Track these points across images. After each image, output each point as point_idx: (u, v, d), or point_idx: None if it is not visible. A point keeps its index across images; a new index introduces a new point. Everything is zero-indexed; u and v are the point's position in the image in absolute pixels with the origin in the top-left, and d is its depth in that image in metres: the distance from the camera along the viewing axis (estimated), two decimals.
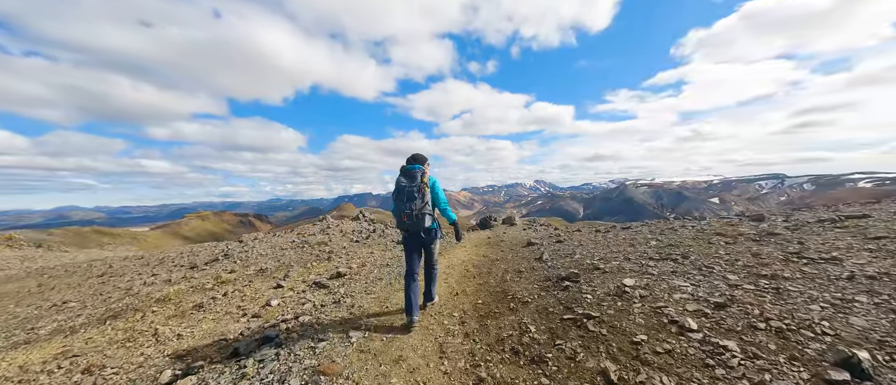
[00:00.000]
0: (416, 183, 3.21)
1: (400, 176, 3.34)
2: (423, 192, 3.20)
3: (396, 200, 3.31)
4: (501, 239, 8.80)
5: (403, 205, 3.20)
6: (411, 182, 3.23)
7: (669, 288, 3.21)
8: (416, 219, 3.19)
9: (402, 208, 3.22)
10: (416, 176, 3.25)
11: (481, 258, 6.44)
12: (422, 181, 3.21)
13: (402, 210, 3.22)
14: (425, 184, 3.23)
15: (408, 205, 3.18)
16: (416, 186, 3.19)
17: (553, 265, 4.82)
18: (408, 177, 3.27)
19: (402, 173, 3.33)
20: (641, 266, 4.03)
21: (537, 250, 6.19)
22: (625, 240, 5.95)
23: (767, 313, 2.47)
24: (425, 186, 3.22)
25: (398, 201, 3.28)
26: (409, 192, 3.19)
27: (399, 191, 3.27)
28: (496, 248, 7.58)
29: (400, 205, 3.25)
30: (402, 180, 3.29)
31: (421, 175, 3.25)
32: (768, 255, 3.77)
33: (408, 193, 3.19)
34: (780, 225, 5.36)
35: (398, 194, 3.29)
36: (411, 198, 3.18)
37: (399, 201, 3.27)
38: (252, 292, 5.38)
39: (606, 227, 8.22)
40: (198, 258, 9.37)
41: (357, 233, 11.02)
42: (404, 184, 3.25)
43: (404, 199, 3.21)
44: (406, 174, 3.30)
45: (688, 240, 5.16)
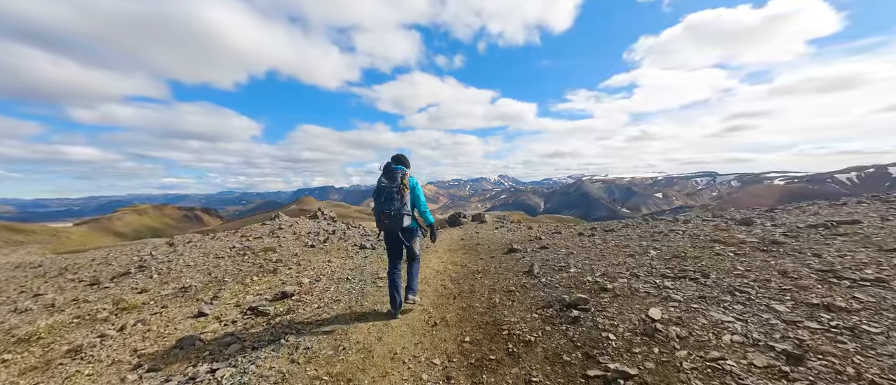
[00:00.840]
0: (397, 184, 3.31)
1: (381, 175, 3.42)
2: (402, 193, 3.31)
3: (376, 200, 3.39)
4: (477, 241, 8.01)
5: (382, 205, 3.29)
6: (392, 183, 3.32)
7: (710, 324, 2.54)
8: (395, 219, 3.28)
9: (381, 208, 3.30)
10: (397, 177, 3.35)
11: (459, 268, 5.57)
12: (402, 182, 3.32)
13: (381, 210, 3.30)
14: (405, 185, 3.33)
15: (387, 205, 3.27)
16: (397, 187, 3.29)
17: (549, 282, 4.06)
18: (389, 177, 3.37)
19: (384, 173, 3.42)
20: (657, 287, 3.37)
21: (523, 260, 5.45)
22: (617, 247, 5.39)
23: (864, 371, 1.83)
24: (405, 188, 3.32)
25: (378, 201, 3.35)
26: (389, 193, 3.29)
27: (379, 190, 3.35)
28: (473, 253, 6.76)
29: (379, 205, 3.32)
30: (383, 180, 3.37)
31: (401, 176, 3.36)
32: (797, 272, 3.27)
33: (387, 193, 3.29)
34: (775, 231, 5.06)
35: (378, 194, 3.36)
36: (390, 198, 3.28)
37: (378, 201, 3.34)
38: (161, 325, 4.06)
39: (589, 230, 7.74)
40: (109, 268, 7.56)
41: (313, 235, 9.68)
42: (385, 184, 3.33)
43: (383, 199, 3.29)
44: (387, 174, 3.39)
45: (688, 248, 4.67)
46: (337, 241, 8.88)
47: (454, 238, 9.18)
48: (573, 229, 8.41)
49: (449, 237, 9.41)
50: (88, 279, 6.78)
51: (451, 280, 4.97)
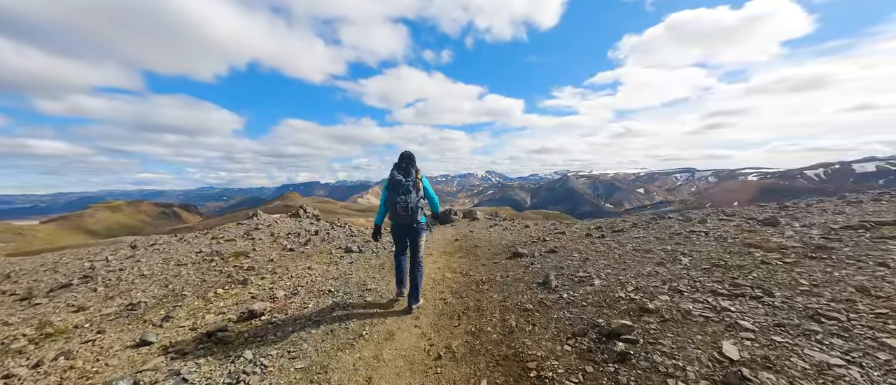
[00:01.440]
0: (412, 178, 3.57)
1: (394, 171, 3.64)
2: (418, 186, 3.57)
3: (391, 192, 3.54)
4: (474, 243, 7.32)
5: (399, 197, 3.48)
6: (407, 177, 3.56)
7: (814, 369, 1.91)
8: (411, 212, 3.49)
9: (397, 200, 3.48)
10: (412, 172, 3.62)
11: (459, 277, 4.88)
12: (416, 177, 3.60)
13: (397, 202, 3.48)
14: (419, 179, 3.61)
15: (404, 198, 3.47)
16: (412, 181, 3.54)
17: (572, 299, 3.41)
18: (404, 172, 3.61)
19: (397, 169, 3.65)
20: (713, 308, 2.75)
21: (533, 267, 4.79)
22: (636, 251, 4.80)
23: None
24: (419, 182, 3.60)
25: (394, 193, 3.52)
26: (406, 187, 3.50)
27: (395, 184, 3.53)
28: (472, 258, 6.07)
29: (395, 197, 3.49)
30: (398, 175, 3.58)
31: (415, 172, 3.64)
32: (879, 289, 2.70)
33: (404, 187, 3.50)
34: (811, 233, 4.56)
35: (394, 187, 3.53)
36: (407, 191, 3.49)
37: (395, 193, 3.51)
38: (89, 359, 3.21)
39: (595, 230, 7.15)
40: (52, 278, 6.53)
41: (293, 236, 8.80)
42: (400, 178, 3.54)
43: (401, 192, 3.49)
44: (402, 170, 3.63)
45: (722, 254, 4.11)
46: (319, 244, 8.03)
47: (447, 238, 8.49)
48: (576, 229, 7.84)
49: (442, 236, 8.71)
50: (22, 292, 5.76)
51: (453, 292, 4.27)
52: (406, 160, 3.70)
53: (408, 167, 3.64)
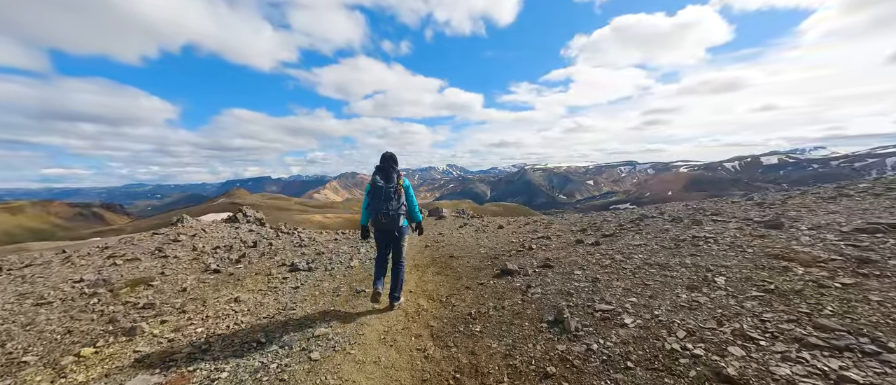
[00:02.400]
0: (394, 184, 3.52)
1: (375, 175, 3.59)
2: (399, 193, 3.54)
3: (373, 199, 3.52)
4: (449, 252, 6.22)
5: (381, 204, 3.46)
6: (389, 183, 3.51)
7: None
8: (393, 218, 3.48)
9: (379, 208, 3.46)
10: (393, 177, 3.56)
11: (439, 307, 3.77)
12: (398, 183, 3.55)
13: (379, 209, 3.46)
14: (401, 185, 3.57)
15: (386, 205, 3.46)
16: (394, 188, 3.50)
17: (608, 354, 2.44)
18: (385, 178, 3.55)
19: (379, 173, 3.59)
20: (824, 376, 1.92)
21: (531, 292, 3.79)
22: (650, 265, 4.03)
23: None
24: (401, 188, 3.57)
25: (376, 200, 3.50)
26: (387, 193, 3.47)
27: (377, 191, 3.50)
28: (450, 273, 5.00)
29: (377, 204, 3.47)
30: (379, 180, 3.52)
31: (397, 176, 3.57)
32: None
33: (386, 194, 3.47)
34: (830, 239, 4.09)
35: (376, 194, 3.50)
36: (389, 198, 3.47)
37: (376, 200, 3.49)
38: None
39: (582, 233, 6.41)
40: None
41: (223, 250, 7.06)
42: (382, 184, 3.50)
43: (383, 198, 3.47)
44: (384, 175, 3.56)
45: (756, 270, 3.44)
46: (257, 260, 6.44)
47: (415, 244, 7.32)
48: (558, 231, 7.08)
49: (408, 242, 7.53)
50: None
51: (434, 337, 3.15)
52: (388, 163, 3.63)
53: (389, 172, 3.59)
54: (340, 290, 4.65)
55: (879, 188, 6.93)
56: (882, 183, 7.88)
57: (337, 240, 8.45)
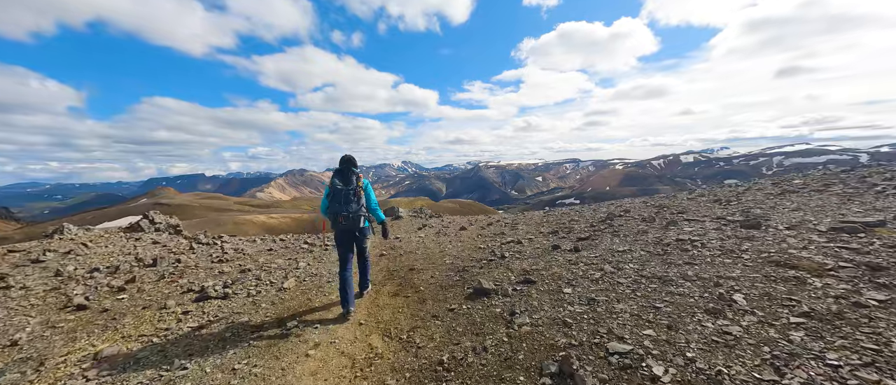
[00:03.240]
0: (353, 186, 3.54)
1: (335, 178, 3.59)
2: (358, 195, 3.56)
3: (332, 202, 3.52)
4: (409, 263, 5.21)
5: (341, 207, 3.47)
6: (347, 185, 3.54)
7: None
8: (353, 220, 3.50)
9: (338, 210, 3.47)
10: (352, 179, 3.57)
11: (398, 351, 2.79)
12: (357, 185, 3.57)
13: (338, 211, 3.46)
14: (360, 187, 3.60)
15: (345, 207, 3.47)
16: (353, 189, 3.53)
17: None
18: (344, 180, 3.57)
19: (338, 176, 3.60)
20: None
21: (517, 322, 2.95)
22: (651, 281, 3.45)
23: None
24: (361, 189, 3.60)
25: (335, 203, 3.50)
26: (346, 195, 3.49)
27: (335, 193, 3.52)
28: (411, 294, 4.03)
29: (336, 207, 3.48)
30: (338, 183, 3.54)
31: (356, 178, 3.59)
32: None
33: (345, 196, 3.49)
34: (816, 240, 3.86)
35: (335, 196, 3.51)
36: (348, 200, 3.49)
37: (336, 203, 3.49)
38: None
39: (553, 235, 5.82)
40: None
41: (103, 273, 5.26)
42: (340, 187, 3.52)
43: (342, 201, 3.48)
44: (342, 177, 3.59)
45: (772, 284, 2.98)
46: (152, 286, 4.84)
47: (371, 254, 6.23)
48: (527, 233, 6.44)
49: None
50: None
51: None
52: (346, 165, 3.68)
53: (348, 174, 3.61)
54: (264, 328, 3.44)
55: (816, 184, 7.35)
56: (813, 177, 8.50)
57: (271, 250, 6.96)
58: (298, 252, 6.60)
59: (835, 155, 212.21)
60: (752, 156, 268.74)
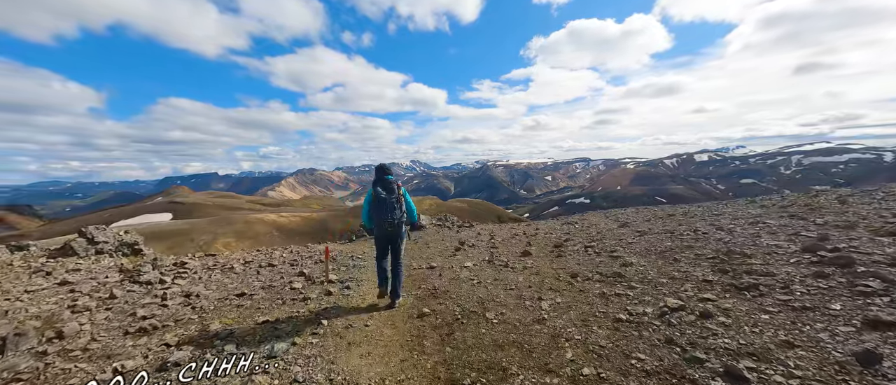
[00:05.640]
0: (395, 195, 3.90)
1: (377, 187, 3.92)
2: (401, 202, 3.93)
3: (377, 211, 3.88)
4: (449, 300, 3.62)
5: (386, 214, 3.84)
6: (390, 195, 3.88)
7: None
8: (397, 226, 3.92)
9: (384, 218, 3.84)
10: (394, 188, 3.92)
11: None
12: (399, 193, 3.93)
13: (384, 219, 3.84)
14: (401, 195, 3.96)
15: (390, 214, 3.84)
16: (396, 198, 3.89)
17: None
18: (387, 189, 3.90)
19: (380, 185, 3.92)
20: None
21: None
22: None
23: None
24: (402, 197, 3.96)
25: (380, 211, 3.85)
26: (390, 204, 3.85)
27: (380, 202, 3.86)
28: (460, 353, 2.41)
29: (382, 214, 3.85)
30: (382, 192, 3.88)
31: (397, 187, 3.94)
32: None
33: (389, 205, 3.85)
34: None
35: (380, 205, 3.86)
36: (392, 209, 3.86)
37: (381, 211, 3.85)
38: None
39: (707, 285, 4.12)
40: None
41: None
42: (384, 196, 3.86)
43: (387, 210, 3.84)
44: (385, 186, 3.91)
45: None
46: (99, 335, 3.30)
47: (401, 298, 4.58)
48: (670, 275, 4.77)
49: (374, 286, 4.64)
50: None
51: None
52: (387, 175, 3.97)
53: (389, 184, 3.91)
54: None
55: None
56: None
57: (245, 295, 4.71)
58: (286, 299, 4.47)
59: (857, 153, 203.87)
60: (770, 155, 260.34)
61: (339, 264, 7.00)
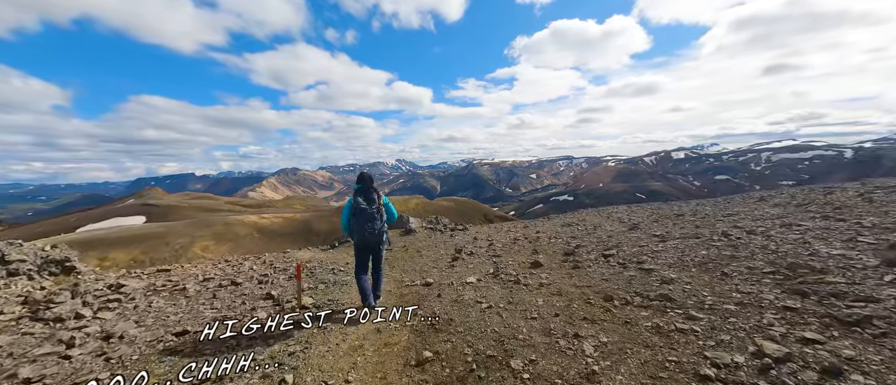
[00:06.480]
0: (376, 205, 3.88)
1: (357, 197, 3.89)
2: (382, 212, 3.93)
3: (358, 220, 3.83)
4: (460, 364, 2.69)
5: (366, 225, 3.81)
6: (371, 205, 3.85)
7: None
8: (378, 236, 3.89)
9: (365, 228, 3.82)
10: (375, 198, 3.91)
11: None
12: (379, 203, 3.93)
13: (365, 229, 3.82)
14: (382, 205, 3.97)
15: (371, 225, 3.82)
16: (376, 208, 3.87)
17: None
18: (367, 199, 3.86)
19: (361, 194, 3.89)
20: None
21: None
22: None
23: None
24: (382, 207, 3.96)
25: (361, 222, 3.82)
26: (371, 215, 3.83)
27: (360, 213, 3.82)
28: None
29: (362, 224, 3.81)
30: (362, 202, 3.83)
31: (377, 196, 3.94)
32: None
33: (370, 216, 3.83)
34: None
35: (360, 215, 3.82)
36: (373, 219, 3.84)
37: (362, 222, 3.82)
38: None
39: None
40: None
41: None
42: (365, 206, 3.82)
43: (367, 220, 3.82)
44: (365, 196, 3.88)
45: None
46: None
47: (364, 333, 3.57)
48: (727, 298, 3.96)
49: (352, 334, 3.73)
50: None
51: None
52: (366, 184, 3.96)
53: (370, 193, 3.90)
54: None
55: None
56: None
57: (187, 335, 3.68)
58: (242, 342, 3.38)
59: (820, 151, 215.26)
60: (742, 152, 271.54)
61: (318, 280, 5.95)
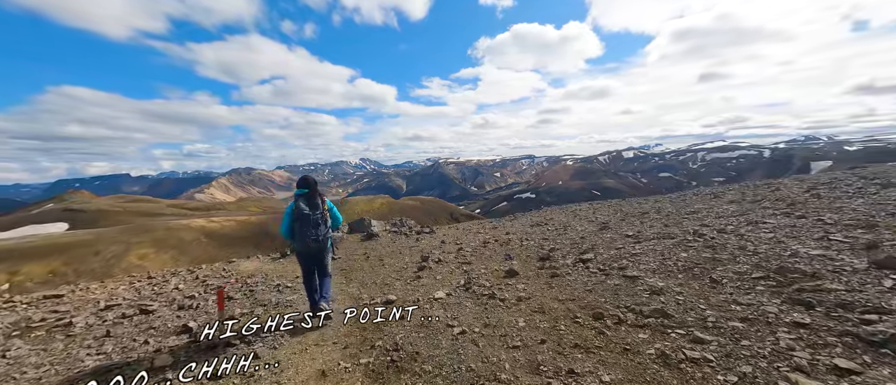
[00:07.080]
0: (320, 210, 3.69)
1: (299, 202, 3.64)
2: (325, 218, 3.75)
3: (301, 226, 3.61)
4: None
5: (310, 231, 3.61)
6: (314, 211, 3.65)
7: None
8: (321, 243, 3.72)
9: (307, 235, 3.61)
10: (318, 203, 3.72)
11: None
12: (324, 209, 3.75)
13: (307, 236, 3.61)
14: (326, 210, 3.79)
15: (314, 232, 3.63)
16: (320, 213, 3.69)
17: None
18: (310, 204, 3.66)
19: (303, 199, 3.66)
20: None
21: None
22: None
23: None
24: (327, 213, 3.79)
25: (304, 228, 3.60)
26: (315, 221, 3.64)
27: (303, 218, 3.59)
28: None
29: (305, 231, 3.60)
30: (304, 207, 3.61)
31: (321, 202, 3.75)
32: None
33: (313, 222, 3.63)
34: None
35: (303, 221, 3.60)
36: (317, 225, 3.65)
37: (305, 228, 3.60)
38: None
39: None
40: None
41: None
42: (307, 212, 3.61)
43: (311, 226, 3.62)
44: (308, 201, 3.67)
45: None
46: None
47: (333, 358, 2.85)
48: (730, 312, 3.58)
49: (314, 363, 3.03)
50: None
51: None
52: (310, 188, 3.73)
53: (314, 198, 3.71)
54: None
55: None
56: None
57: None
58: None
59: (744, 150, 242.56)
60: (681, 152, 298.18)
61: (257, 301, 4.98)
